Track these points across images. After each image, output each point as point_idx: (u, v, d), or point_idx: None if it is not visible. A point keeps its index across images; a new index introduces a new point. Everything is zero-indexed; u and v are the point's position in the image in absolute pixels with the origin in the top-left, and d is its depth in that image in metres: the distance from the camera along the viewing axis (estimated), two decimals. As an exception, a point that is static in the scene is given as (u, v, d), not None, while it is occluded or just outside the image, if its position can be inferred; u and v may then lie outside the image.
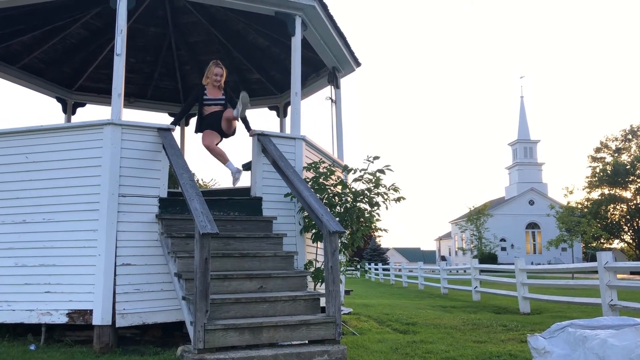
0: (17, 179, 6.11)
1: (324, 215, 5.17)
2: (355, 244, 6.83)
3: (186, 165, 5.70)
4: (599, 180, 53.63)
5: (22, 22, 8.18)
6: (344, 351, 4.70)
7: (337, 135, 8.99)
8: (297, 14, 7.10)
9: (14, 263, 5.95)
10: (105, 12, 8.29)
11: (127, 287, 5.68)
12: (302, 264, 6.42)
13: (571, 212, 36.88)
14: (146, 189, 5.99)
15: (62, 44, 9.21)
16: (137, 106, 11.02)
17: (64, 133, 6.19)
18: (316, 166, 6.76)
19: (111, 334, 5.59)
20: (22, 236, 5.97)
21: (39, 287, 5.82)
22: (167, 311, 5.82)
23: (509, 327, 7.77)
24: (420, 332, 7.33)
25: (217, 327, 4.41)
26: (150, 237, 5.90)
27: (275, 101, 10.87)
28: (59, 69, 9.83)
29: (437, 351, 5.74)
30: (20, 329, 6.12)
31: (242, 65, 10.19)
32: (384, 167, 6.75)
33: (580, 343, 3.80)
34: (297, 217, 6.68)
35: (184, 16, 9.14)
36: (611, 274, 8.26)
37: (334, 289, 4.90)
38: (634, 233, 53.77)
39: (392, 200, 6.80)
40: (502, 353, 5.56)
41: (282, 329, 4.67)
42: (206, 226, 4.46)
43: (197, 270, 4.40)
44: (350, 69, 9.03)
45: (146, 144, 6.08)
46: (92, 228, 5.75)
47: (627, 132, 55.28)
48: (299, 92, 7.16)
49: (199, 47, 9.92)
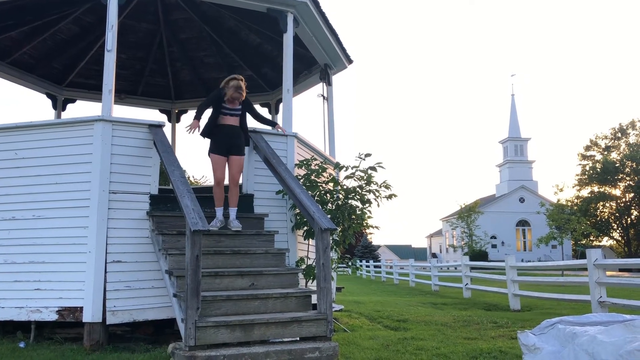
0: (6, 175, 6.07)
1: (316, 213, 5.17)
2: (347, 241, 6.84)
3: (177, 162, 5.68)
4: (589, 178, 54.04)
5: (12, 17, 8.10)
6: (335, 348, 4.71)
7: (329, 133, 8.99)
8: (289, 10, 7.09)
9: (3, 260, 5.91)
10: (96, 8, 8.23)
11: (117, 284, 5.66)
12: (294, 261, 6.42)
13: (561, 209, 37.04)
14: (137, 186, 5.96)
15: (53, 39, 9.14)
16: (128, 102, 10.97)
17: (54, 129, 6.15)
18: (308, 163, 6.76)
19: (102, 331, 5.57)
20: (12, 233, 5.93)
21: (29, 284, 5.79)
22: (158, 308, 5.80)
23: (500, 324, 7.81)
24: (411, 329, 7.35)
25: (208, 324, 4.40)
26: (141, 234, 5.88)
27: (267, 98, 10.86)
28: (49, 65, 9.76)
29: (428, 348, 5.76)
30: (10, 327, 6.08)
31: (234, 62, 10.16)
32: (376, 165, 6.76)
33: (569, 339, 3.82)
34: (288, 214, 6.68)
35: (176, 12, 9.09)
36: (600, 271, 8.33)
37: (325, 286, 4.91)
38: (623, 230, 54.25)
39: (383, 198, 6.82)
40: (493, 350, 5.58)
41: (273, 326, 4.67)
42: (197, 223, 4.45)
43: (188, 267, 4.39)
44: (342, 66, 9.03)
45: (137, 140, 6.05)
46: (83, 225, 5.72)
47: (617, 130, 55.68)
48: (290, 89, 7.15)
49: (191, 44, 9.88)
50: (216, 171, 6.08)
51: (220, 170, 6.08)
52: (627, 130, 55.30)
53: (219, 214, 6.03)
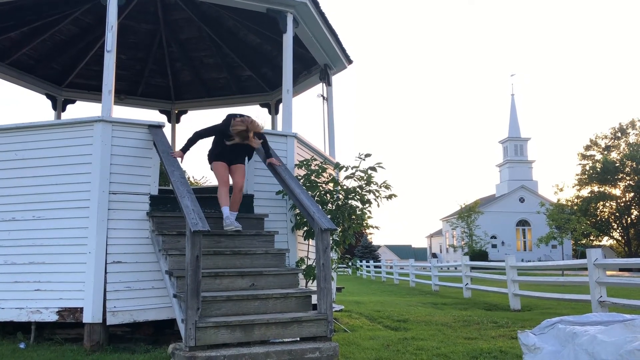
0: (6, 176, 6.07)
1: (316, 213, 5.17)
2: (347, 242, 6.84)
3: (177, 163, 5.69)
4: (589, 177, 54.04)
5: (11, 17, 8.10)
6: (335, 348, 4.71)
7: (328, 133, 9.00)
8: (289, 11, 7.09)
9: (4, 261, 5.91)
10: (95, 9, 8.23)
11: (117, 285, 5.66)
12: (294, 262, 6.42)
13: (561, 209, 37.03)
14: (137, 187, 5.96)
15: (52, 40, 9.14)
16: (128, 103, 10.97)
17: (54, 130, 6.14)
18: (308, 163, 6.76)
19: (102, 331, 5.57)
20: (12, 234, 5.93)
21: (29, 285, 5.79)
22: (158, 309, 5.80)
23: (500, 324, 7.81)
24: (412, 329, 7.35)
25: (208, 324, 4.40)
26: (141, 234, 5.88)
27: (266, 98, 10.86)
28: (49, 66, 9.76)
29: (428, 348, 5.76)
30: (10, 327, 6.08)
31: (234, 62, 10.16)
32: (376, 165, 6.76)
33: (570, 339, 3.82)
34: (288, 214, 6.68)
35: (175, 13, 9.09)
36: (600, 271, 8.33)
37: (325, 286, 4.91)
38: (623, 230, 54.25)
39: (383, 198, 6.82)
40: (493, 349, 5.59)
41: (273, 327, 4.67)
42: (197, 223, 4.45)
43: (189, 267, 4.39)
44: (342, 66, 9.03)
45: (137, 141, 6.05)
46: (83, 225, 5.72)
47: (617, 130, 55.70)
48: (290, 89, 7.15)
49: (190, 44, 9.88)
50: (221, 174, 5.97)
51: (225, 173, 5.99)
52: (627, 130, 55.32)
53: (226, 212, 5.84)
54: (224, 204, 5.89)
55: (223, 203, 5.89)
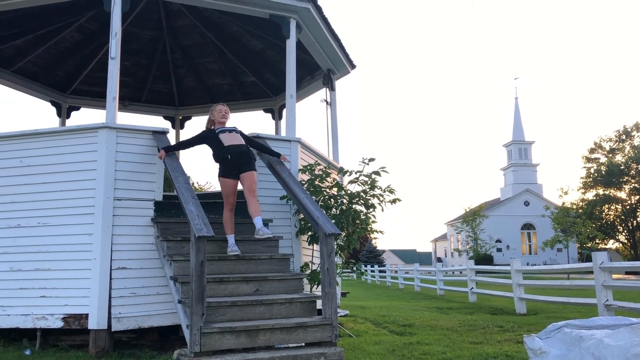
0: (11, 183, 6.09)
1: (320, 218, 5.17)
2: (351, 246, 6.83)
3: (181, 168, 5.69)
4: (594, 180, 53.84)
5: (16, 25, 8.16)
6: (340, 353, 4.70)
7: (332, 137, 9.00)
8: (292, 16, 7.11)
9: (9, 267, 5.92)
10: (99, 16, 8.29)
11: (122, 291, 5.67)
12: (298, 267, 6.41)
13: (566, 212, 36.90)
14: (141, 193, 5.97)
15: (57, 47, 9.20)
16: (132, 109, 11.02)
17: (59, 137, 6.17)
18: (312, 168, 6.76)
19: (107, 338, 5.57)
20: (17, 240, 5.95)
21: (34, 291, 5.80)
22: (163, 315, 5.80)
23: (505, 328, 7.78)
24: (417, 334, 7.33)
25: (213, 330, 4.40)
26: (145, 240, 5.89)
27: (270, 103, 10.89)
28: (54, 73, 9.81)
29: (434, 352, 5.74)
30: (16, 334, 6.09)
31: (237, 68, 10.20)
32: (380, 169, 6.76)
33: (576, 343, 3.81)
34: (292, 219, 6.68)
35: (179, 19, 9.13)
36: (606, 274, 8.28)
37: (330, 291, 4.90)
38: (629, 233, 53.96)
39: (387, 202, 6.81)
40: (499, 354, 5.56)
41: (278, 332, 4.67)
42: (202, 229, 4.45)
43: (193, 273, 4.39)
44: (345, 71, 9.04)
45: (141, 147, 6.06)
46: (88, 232, 5.73)
47: (621, 132, 55.53)
48: (294, 94, 7.16)
49: (194, 50, 9.92)
50: (228, 196, 5.79)
51: (232, 196, 5.81)
52: (632, 133, 55.12)
53: (232, 241, 5.66)
54: (228, 232, 5.73)
55: (227, 231, 5.74)
